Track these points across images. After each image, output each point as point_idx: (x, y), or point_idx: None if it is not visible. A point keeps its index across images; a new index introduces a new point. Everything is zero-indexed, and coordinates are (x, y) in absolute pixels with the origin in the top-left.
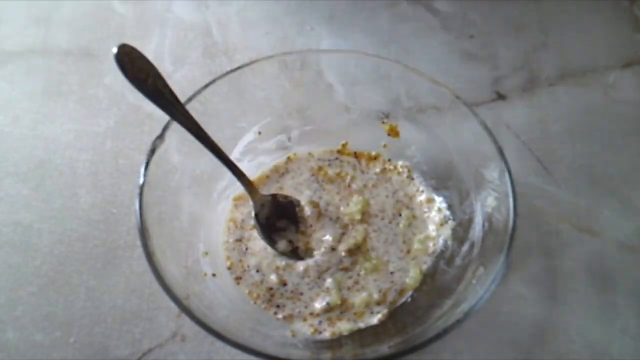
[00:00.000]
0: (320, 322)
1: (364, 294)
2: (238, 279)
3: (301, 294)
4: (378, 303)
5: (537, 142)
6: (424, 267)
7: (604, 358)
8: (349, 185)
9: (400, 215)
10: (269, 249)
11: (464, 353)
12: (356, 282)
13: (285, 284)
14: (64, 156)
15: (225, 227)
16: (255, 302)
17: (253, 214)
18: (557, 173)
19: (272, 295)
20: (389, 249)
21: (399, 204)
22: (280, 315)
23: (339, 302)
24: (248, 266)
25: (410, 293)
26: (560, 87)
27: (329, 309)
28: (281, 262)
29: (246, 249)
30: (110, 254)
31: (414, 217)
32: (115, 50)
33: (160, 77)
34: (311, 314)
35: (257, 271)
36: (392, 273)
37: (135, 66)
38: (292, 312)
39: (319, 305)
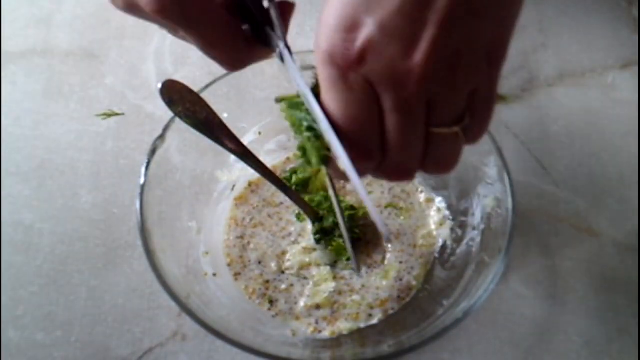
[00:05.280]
0: (318, 321)
1: (357, 298)
2: (237, 275)
3: (292, 285)
4: (376, 307)
5: (536, 142)
6: (428, 267)
7: (602, 357)
8: (344, 186)
9: (398, 208)
10: (277, 239)
11: (463, 352)
12: (355, 289)
13: (283, 272)
14: (65, 156)
15: (226, 226)
16: (250, 298)
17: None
18: (556, 173)
19: (267, 289)
20: (394, 241)
21: (396, 199)
22: (273, 312)
23: (329, 305)
24: (249, 261)
25: (413, 293)
26: (559, 87)
27: (318, 307)
28: (291, 249)
29: (248, 243)
30: (111, 254)
31: (413, 210)
32: (159, 85)
33: (208, 109)
34: (304, 309)
35: (259, 263)
36: (401, 280)
37: (182, 100)
38: (284, 308)
39: (310, 302)
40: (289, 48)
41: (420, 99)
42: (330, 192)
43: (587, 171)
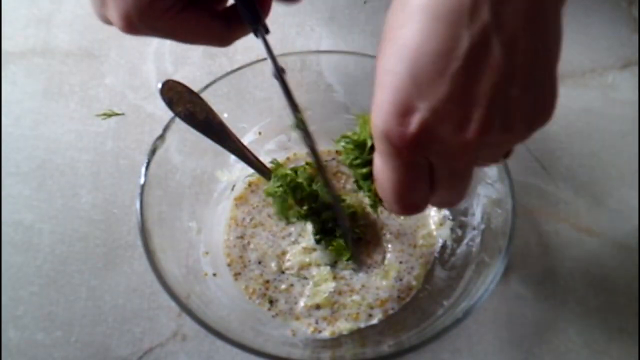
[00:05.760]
0: (318, 321)
1: (357, 298)
2: (237, 275)
3: (292, 285)
4: (376, 307)
5: (535, 142)
6: (428, 267)
7: (602, 357)
8: (344, 187)
9: None
10: (277, 239)
11: (463, 352)
12: (355, 289)
13: (283, 272)
14: (65, 156)
15: (226, 226)
16: (250, 298)
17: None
18: (556, 173)
19: (267, 289)
20: (394, 241)
21: None
22: (273, 312)
23: (329, 305)
24: (249, 261)
25: (413, 293)
26: (559, 87)
27: (318, 307)
28: (291, 249)
29: (248, 243)
30: (111, 254)
31: None
32: (159, 85)
33: (208, 109)
34: (304, 309)
35: (259, 263)
36: (401, 280)
37: (182, 100)
38: (284, 308)
39: (310, 302)
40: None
41: (473, 161)
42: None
43: (587, 171)
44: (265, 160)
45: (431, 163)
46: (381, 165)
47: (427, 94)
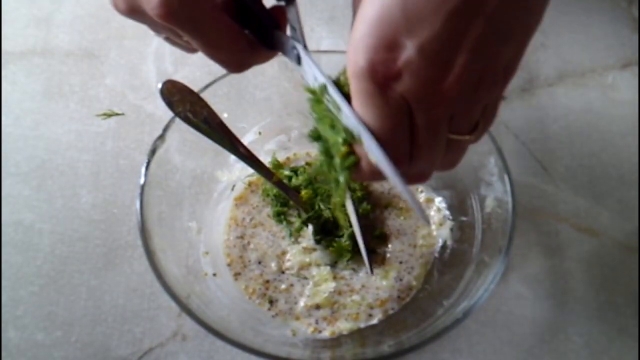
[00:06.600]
0: (318, 321)
1: (357, 298)
2: (237, 275)
3: (292, 285)
4: (376, 307)
5: (536, 142)
6: (428, 267)
7: (602, 357)
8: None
9: (398, 208)
10: (277, 239)
11: (464, 352)
12: (355, 289)
13: (283, 272)
14: (65, 156)
15: (226, 226)
16: (250, 297)
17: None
18: (556, 173)
19: (267, 289)
20: (394, 241)
21: (396, 199)
22: (273, 312)
23: (329, 305)
24: (249, 261)
25: (413, 293)
26: (559, 87)
27: (318, 307)
28: (291, 249)
29: (248, 243)
30: (111, 254)
31: (413, 210)
32: (159, 85)
33: (208, 109)
34: (304, 309)
35: (259, 263)
36: (401, 280)
37: (182, 100)
38: (284, 308)
39: (310, 302)
40: (307, 49)
41: (447, 117)
42: (348, 203)
43: (587, 171)
44: (265, 160)
45: (410, 109)
46: (361, 113)
47: (416, 31)
